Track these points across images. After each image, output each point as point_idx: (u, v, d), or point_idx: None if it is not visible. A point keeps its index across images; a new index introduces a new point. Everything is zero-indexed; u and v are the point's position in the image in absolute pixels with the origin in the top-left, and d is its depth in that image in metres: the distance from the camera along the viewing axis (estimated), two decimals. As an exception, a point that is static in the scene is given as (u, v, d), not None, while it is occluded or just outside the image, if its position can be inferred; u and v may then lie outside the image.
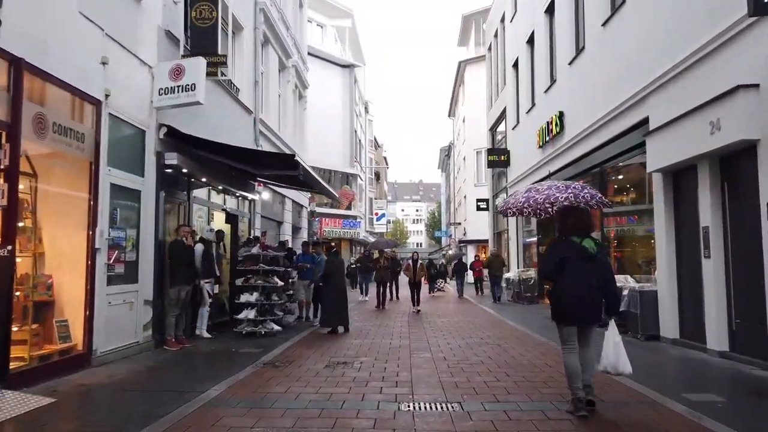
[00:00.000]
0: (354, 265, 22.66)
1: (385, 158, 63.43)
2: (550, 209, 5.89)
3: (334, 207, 32.15)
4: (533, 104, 16.14)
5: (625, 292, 8.90)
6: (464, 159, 37.60)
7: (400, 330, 10.60)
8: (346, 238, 31.94)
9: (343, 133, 33.08)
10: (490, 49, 24.44)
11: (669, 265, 8.29)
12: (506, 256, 20.40)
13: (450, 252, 51.38)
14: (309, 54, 23.79)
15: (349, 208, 33.14)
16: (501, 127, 21.86)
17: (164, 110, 8.16)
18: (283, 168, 10.56)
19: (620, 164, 10.73)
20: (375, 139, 49.57)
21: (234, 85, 11.62)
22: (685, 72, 7.63)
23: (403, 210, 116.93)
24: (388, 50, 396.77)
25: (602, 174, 11.43)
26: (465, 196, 36.97)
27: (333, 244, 16.54)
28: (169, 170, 8.40)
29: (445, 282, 26.07)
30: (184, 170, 8.77)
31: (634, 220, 10.40)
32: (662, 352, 7.65)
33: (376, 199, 47.19)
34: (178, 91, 7.90)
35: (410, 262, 16.27)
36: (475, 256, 25.43)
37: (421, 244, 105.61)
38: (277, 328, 9.64)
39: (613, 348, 4.39)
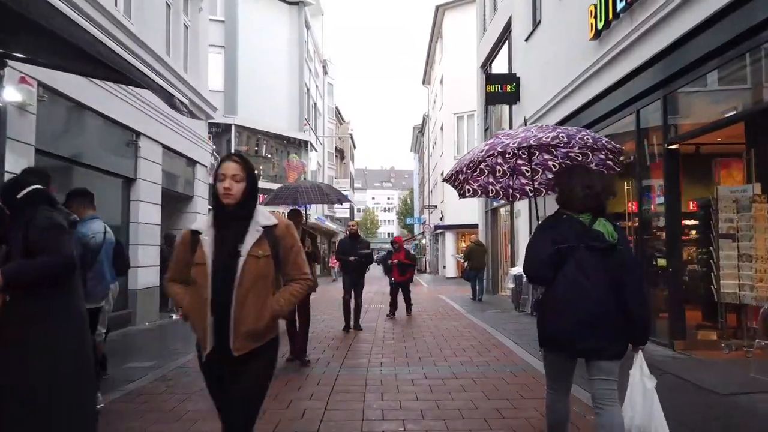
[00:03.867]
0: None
1: (351, 137, 56.58)
2: (525, 168, 3.77)
3: (276, 179, 25.24)
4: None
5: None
6: (441, 128, 31.21)
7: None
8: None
9: (290, 89, 26.22)
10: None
11: None
12: (505, 244, 14.08)
13: (424, 241, 45.11)
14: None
15: (297, 183, 26.32)
16: (500, 60, 15.28)
17: None
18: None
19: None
20: (337, 109, 42.75)
21: None
22: None
23: (374, 198, 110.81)
24: (355, 38, 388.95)
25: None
26: (442, 173, 30.51)
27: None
28: None
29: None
30: None
31: None
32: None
33: (338, 178, 40.42)
34: None
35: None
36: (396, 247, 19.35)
37: (392, 234, 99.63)
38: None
39: (642, 397, 2.65)
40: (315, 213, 27.61)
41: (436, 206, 36.51)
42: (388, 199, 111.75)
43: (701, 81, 6.52)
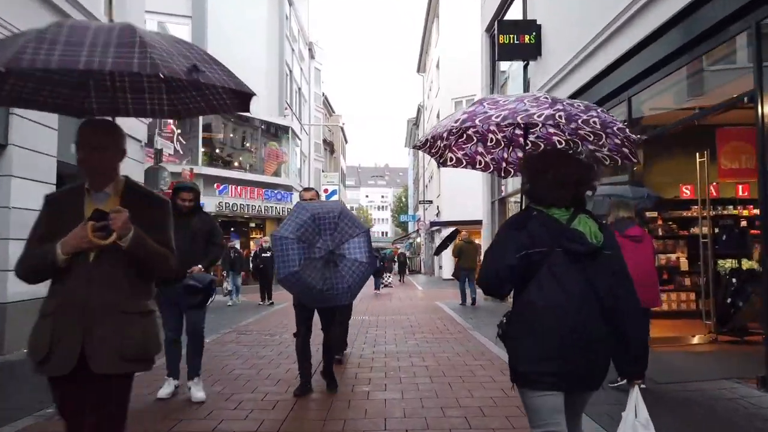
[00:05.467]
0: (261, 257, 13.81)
1: (343, 131, 53.77)
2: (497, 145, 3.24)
3: (254, 170, 22.46)
4: None
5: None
6: (438, 116, 28.60)
7: None
8: (271, 216, 22.40)
9: (269, 68, 23.38)
10: None
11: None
12: None
13: (419, 239, 42.48)
14: None
15: (277, 174, 23.53)
16: (513, 13, 12.50)
17: None
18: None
19: None
20: (326, 98, 39.92)
21: None
22: None
23: (367, 196, 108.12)
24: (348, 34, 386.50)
25: None
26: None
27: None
28: None
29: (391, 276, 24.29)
30: None
31: None
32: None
33: (326, 171, 37.60)
34: None
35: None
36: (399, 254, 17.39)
37: (386, 233, 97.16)
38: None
39: None
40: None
41: (431, 201, 33.86)
42: (382, 197, 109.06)
43: None
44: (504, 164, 3.38)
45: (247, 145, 23.23)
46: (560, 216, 2.13)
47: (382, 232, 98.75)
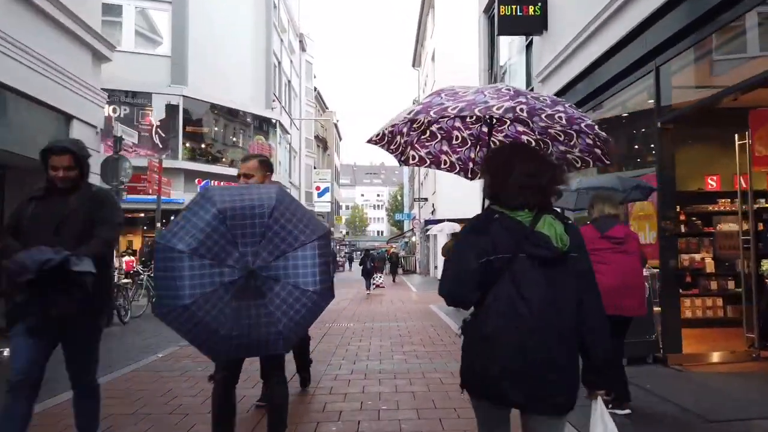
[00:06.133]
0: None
1: (336, 128, 52.61)
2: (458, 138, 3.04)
3: (238, 165, 21.28)
4: None
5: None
6: (433, 109, 27.35)
7: None
8: (258, 213, 21.25)
9: (255, 58, 22.22)
10: None
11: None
12: None
13: (414, 238, 41.45)
14: None
15: (264, 170, 22.39)
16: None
17: None
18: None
19: None
20: (319, 94, 38.74)
21: None
22: None
23: (363, 195, 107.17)
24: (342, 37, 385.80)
25: None
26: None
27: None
28: None
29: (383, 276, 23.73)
30: None
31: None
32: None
33: (318, 168, 36.45)
34: None
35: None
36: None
37: (382, 232, 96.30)
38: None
39: None
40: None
41: (426, 199, 32.80)
42: (378, 195, 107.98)
43: None
44: (471, 165, 3.15)
45: (234, 139, 22.09)
46: (523, 218, 1.97)
47: (378, 232, 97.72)
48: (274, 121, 22.83)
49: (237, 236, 2.29)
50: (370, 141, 2.87)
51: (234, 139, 21.93)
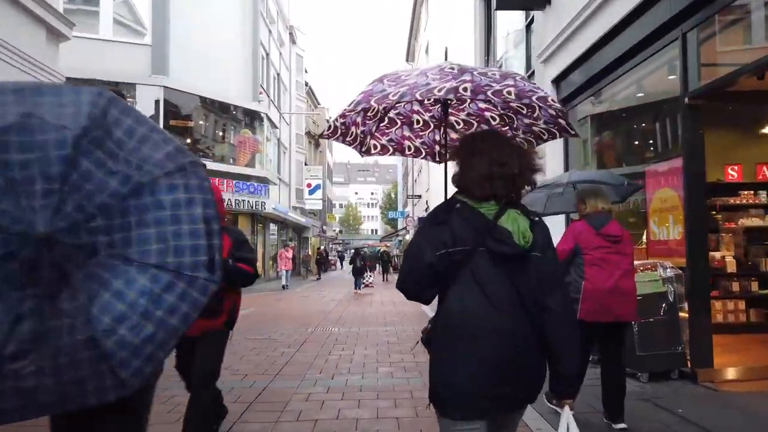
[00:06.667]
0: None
1: (329, 122, 51.57)
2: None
3: (223, 160, 20.46)
4: None
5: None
6: (427, 104, 26.55)
7: None
8: (244, 210, 20.32)
9: (240, 48, 21.30)
10: None
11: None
12: None
13: (408, 236, 40.65)
14: None
15: (251, 164, 21.47)
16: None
17: None
18: None
19: None
20: (310, 89, 37.77)
21: None
22: None
23: (356, 193, 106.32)
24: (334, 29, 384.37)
25: None
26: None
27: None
28: None
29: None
30: None
31: None
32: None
33: (309, 164, 35.52)
34: None
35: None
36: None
37: (376, 230, 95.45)
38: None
39: None
40: (271, 201, 22.70)
41: (420, 196, 32.02)
42: (372, 194, 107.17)
43: None
44: (437, 147, 3.08)
45: (219, 133, 21.20)
46: (487, 211, 1.83)
47: (372, 230, 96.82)
48: (262, 114, 21.92)
49: (12, 181, 1.17)
50: (322, 136, 2.70)
51: (220, 133, 21.03)
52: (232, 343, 3.44)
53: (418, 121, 3.00)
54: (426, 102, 2.85)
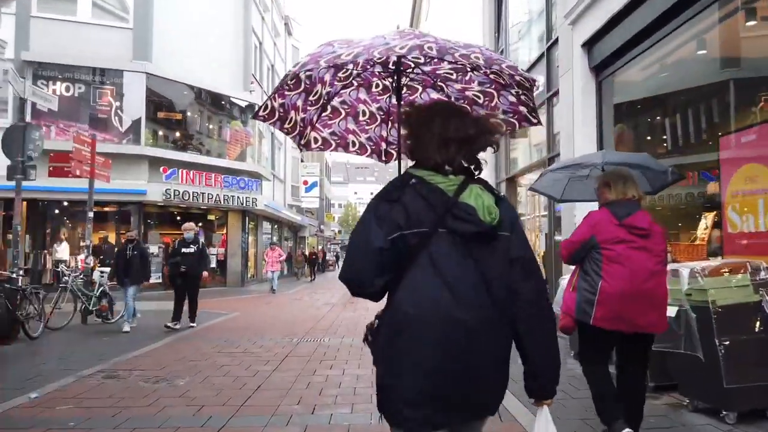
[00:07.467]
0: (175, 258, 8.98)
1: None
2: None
3: (212, 153, 19.26)
4: None
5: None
6: (428, 97, 25.42)
7: None
8: (234, 207, 19.07)
9: (231, 36, 20.07)
10: None
11: None
12: (535, 234, 8.77)
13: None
14: None
15: (242, 158, 20.23)
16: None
17: None
18: None
19: None
20: (307, 83, 36.52)
21: None
22: None
23: (356, 193, 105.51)
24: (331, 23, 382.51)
25: None
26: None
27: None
28: None
29: None
30: None
31: None
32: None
33: (305, 162, 34.28)
34: None
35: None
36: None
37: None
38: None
39: None
40: (264, 198, 21.41)
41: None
42: (371, 193, 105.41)
43: None
44: (384, 145, 2.93)
45: (209, 126, 19.98)
46: (446, 186, 1.65)
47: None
48: (253, 105, 20.69)
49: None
50: (256, 117, 2.54)
51: (207, 124, 19.80)
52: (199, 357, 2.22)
53: (364, 113, 2.84)
54: (373, 90, 2.73)
